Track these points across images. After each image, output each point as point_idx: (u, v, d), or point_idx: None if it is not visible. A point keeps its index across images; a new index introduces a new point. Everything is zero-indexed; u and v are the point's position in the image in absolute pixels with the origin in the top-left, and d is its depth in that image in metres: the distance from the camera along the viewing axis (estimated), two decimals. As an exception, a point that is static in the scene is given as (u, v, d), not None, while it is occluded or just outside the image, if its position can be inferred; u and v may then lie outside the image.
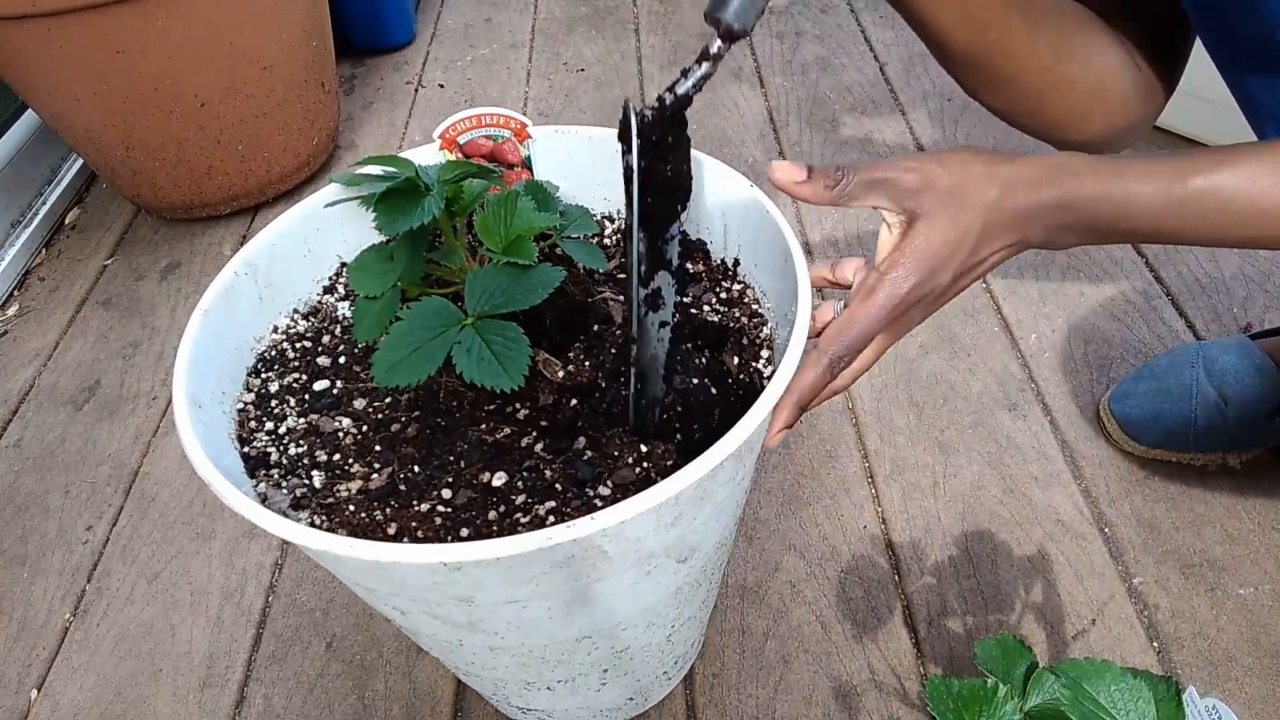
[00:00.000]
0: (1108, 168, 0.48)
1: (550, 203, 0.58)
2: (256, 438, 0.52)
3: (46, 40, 1.03)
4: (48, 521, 0.93)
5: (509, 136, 0.63)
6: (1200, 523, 0.84)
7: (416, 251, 0.53)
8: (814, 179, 0.48)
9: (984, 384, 0.98)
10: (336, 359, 0.57)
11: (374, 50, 1.69)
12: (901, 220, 0.48)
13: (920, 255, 0.47)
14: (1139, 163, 0.49)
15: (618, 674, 0.61)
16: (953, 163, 0.47)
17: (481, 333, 0.47)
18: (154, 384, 1.07)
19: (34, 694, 0.79)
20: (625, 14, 1.76)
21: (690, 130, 0.48)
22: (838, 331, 0.48)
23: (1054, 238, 0.50)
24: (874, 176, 0.48)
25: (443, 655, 0.59)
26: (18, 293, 1.24)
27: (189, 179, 1.24)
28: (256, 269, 0.56)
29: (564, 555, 0.41)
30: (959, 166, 0.47)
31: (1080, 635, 0.76)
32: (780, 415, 0.48)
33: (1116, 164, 0.49)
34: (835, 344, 0.48)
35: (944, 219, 0.47)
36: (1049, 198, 0.48)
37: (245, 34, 1.14)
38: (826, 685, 0.74)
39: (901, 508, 0.87)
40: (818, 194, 0.48)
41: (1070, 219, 0.49)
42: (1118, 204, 0.48)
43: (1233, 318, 1.02)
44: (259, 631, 0.82)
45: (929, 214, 0.47)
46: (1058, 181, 0.48)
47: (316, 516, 0.47)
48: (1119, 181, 0.48)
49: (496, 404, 0.53)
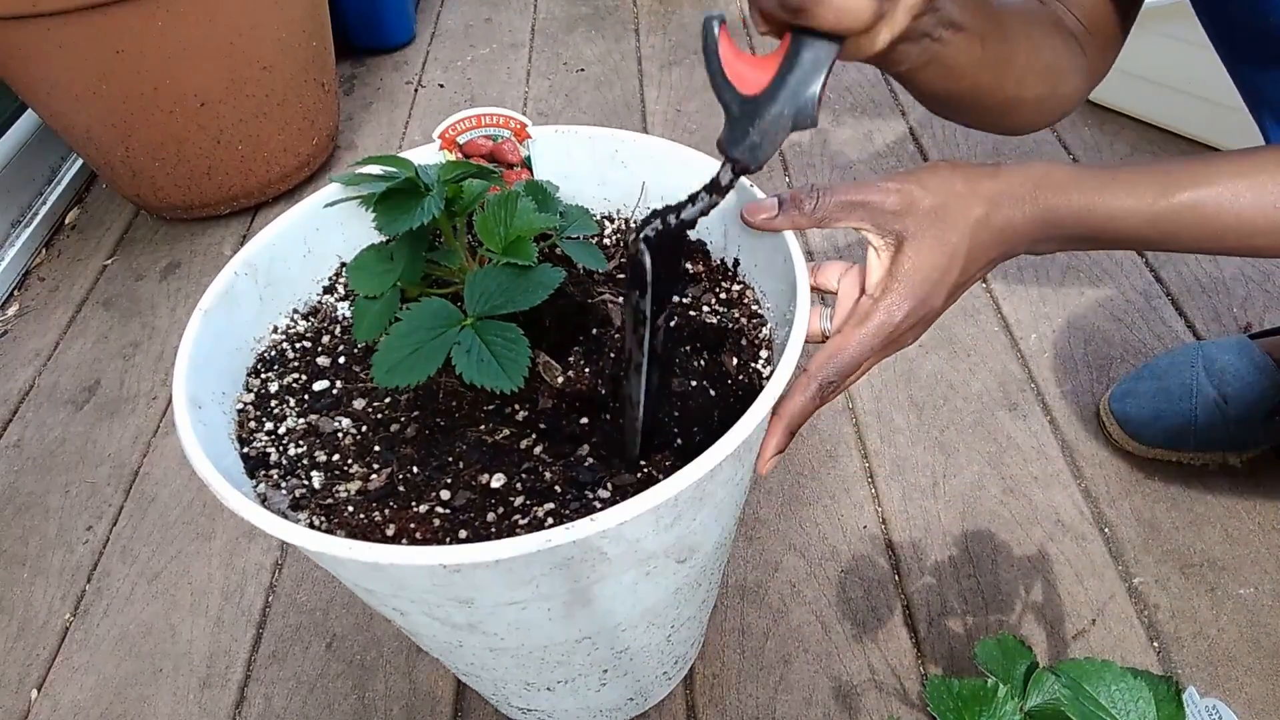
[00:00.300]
0: (1091, 181, 0.49)
1: (550, 203, 0.58)
2: (256, 438, 0.52)
3: (46, 40, 1.03)
4: (48, 521, 0.93)
5: (509, 137, 0.63)
6: (1200, 523, 0.84)
7: (416, 252, 0.53)
8: (787, 209, 0.49)
9: (984, 384, 0.98)
10: (336, 359, 0.57)
11: (374, 50, 1.69)
12: (888, 243, 0.48)
13: (912, 280, 0.47)
14: (1123, 174, 0.49)
15: (618, 674, 0.61)
16: (933, 183, 0.47)
17: (481, 334, 0.47)
18: (154, 384, 1.07)
19: (34, 694, 0.79)
20: (625, 14, 1.76)
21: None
22: (828, 357, 0.48)
23: (1039, 248, 0.51)
24: (852, 199, 0.47)
25: (443, 656, 0.59)
26: (18, 293, 1.24)
27: (189, 179, 1.24)
28: (256, 269, 0.56)
29: (563, 557, 0.41)
30: (940, 186, 0.47)
31: (1080, 635, 0.76)
32: (771, 441, 0.48)
33: (1100, 176, 0.49)
34: (826, 370, 0.48)
35: (931, 240, 0.47)
36: (1033, 213, 0.48)
37: (245, 34, 1.14)
38: (826, 685, 0.74)
39: (901, 508, 0.87)
40: (795, 221, 0.49)
41: (1054, 232, 0.49)
42: (1101, 218, 0.49)
43: (1233, 318, 1.02)
44: (259, 631, 0.82)
45: (915, 236, 0.47)
46: (1041, 196, 0.48)
47: (316, 517, 0.47)
48: (1103, 195, 0.48)
49: (496, 405, 0.53)
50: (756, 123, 0.42)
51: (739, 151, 0.43)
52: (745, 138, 0.43)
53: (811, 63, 0.41)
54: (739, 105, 0.42)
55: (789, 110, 0.41)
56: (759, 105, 0.42)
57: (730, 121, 0.43)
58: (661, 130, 1.39)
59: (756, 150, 0.43)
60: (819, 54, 0.40)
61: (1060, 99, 0.62)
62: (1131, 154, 1.26)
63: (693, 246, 0.63)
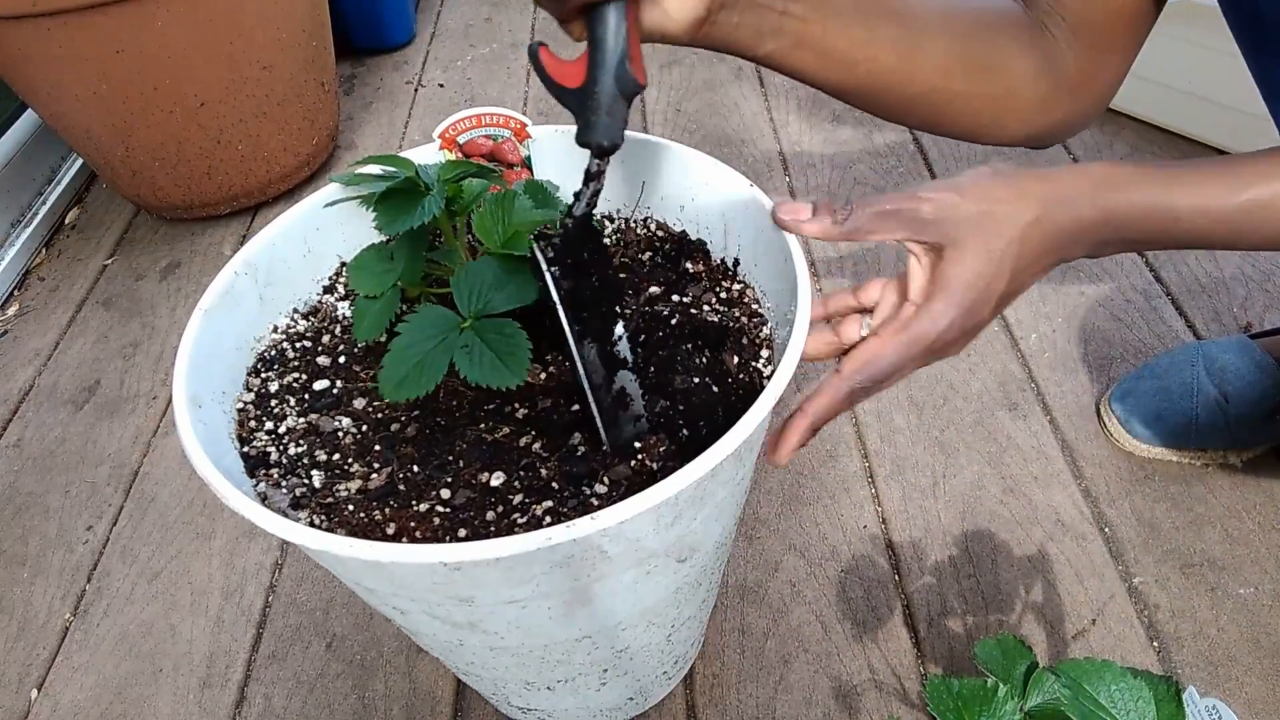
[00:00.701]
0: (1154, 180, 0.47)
1: (549, 201, 0.58)
2: (256, 437, 0.52)
3: (46, 40, 1.03)
4: (48, 521, 0.93)
5: (509, 136, 0.63)
6: (1200, 523, 0.84)
7: (416, 251, 0.53)
8: (819, 215, 0.48)
9: (984, 384, 0.98)
10: (336, 358, 0.57)
11: (374, 50, 1.69)
12: (927, 249, 0.47)
13: (956, 288, 0.45)
14: (1186, 174, 0.48)
15: (618, 674, 0.61)
16: (974, 190, 0.46)
17: (481, 334, 0.47)
18: (154, 384, 1.07)
19: (34, 694, 0.79)
20: (625, 14, 1.76)
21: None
22: (864, 362, 0.47)
23: (1100, 250, 0.49)
24: (885, 209, 0.46)
25: (443, 655, 0.59)
26: (18, 293, 1.24)
27: (189, 179, 1.24)
28: (256, 269, 0.56)
29: (564, 555, 0.41)
30: (981, 193, 0.46)
31: (1080, 635, 0.76)
32: (792, 436, 0.47)
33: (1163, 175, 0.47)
34: (861, 374, 0.47)
35: (975, 247, 0.45)
36: (1092, 214, 0.46)
37: (245, 34, 1.14)
38: (826, 685, 0.74)
39: (901, 507, 0.87)
40: (826, 231, 0.48)
41: (1114, 234, 0.48)
42: (1165, 218, 0.47)
43: (1233, 318, 1.02)
44: (259, 631, 0.82)
45: (957, 242, 0.45)
46: (1100, 197, 0.46)
47: (316, 516, 0.47)
48: (1166, 195, 0.47)
49: (495, 404, 0.53)
50: (591, 105, 0.45)
51: (590, 135, 0.46)
52: (590, 122, 0.46)
53: (612, 33, 0.44)
54: (574, 99, 0.46)
55: (610, 82, 0.45)
56: (587, 90, 0.45)
57: (576, 116, 0.46)
58: (661, 130, 1.39)
59: (604, 128, 0.46)
60: (612, 21, 0.44)
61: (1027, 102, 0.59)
62: (1131, 154, 1.26)
63: (693, 246, 0.63)
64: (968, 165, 1.27)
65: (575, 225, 0.48)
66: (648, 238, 0.65)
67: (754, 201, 0.56)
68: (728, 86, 1.50)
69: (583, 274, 0.48)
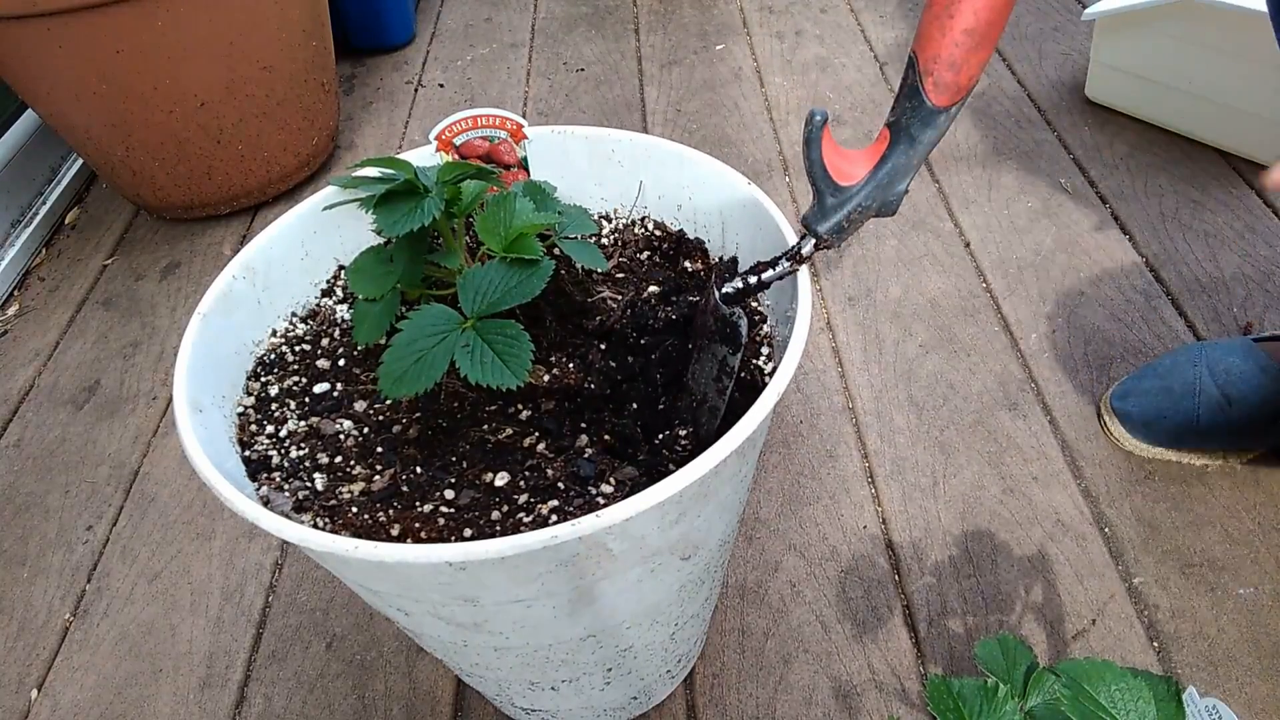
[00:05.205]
0: None
1: (548, 202, 0.58)
2: (257, 441, 0.52)
3: (46, 40, 1.03)
4: (48, 521, 0.93)
5: (505, 138, 0.63)
6: (1200, 523, 0.84)
7: (416, 253, 0.53)
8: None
9: (984, 384, 0.98)
10: (336, 362, 0.57)
11: (374, 50, 1.69)
12: None
13: None
14: None
15: (622, 673, 0.61)
16: None
17: (482, 334, 0.47)
18: (154, 384, 1.07)
19: (34, 694, 0.79)
20: (625, 14, 1.76)
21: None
22: None
23: None
24: None
25: (447, 656, 0.59)
26: (18, 293, 1.24)
27: (189, 179, 1.24)
28: (254, 273, 0.56)
29: (569, 553, 0.41)
30: None
31: (1080, 635, 0.77)
32: None
33: None
34: None
35: None
36: None
37: (245, 34, 1.14)
38: (826, 685, 0.75)
39: (901, 508, 0.87)
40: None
41: None
42: None
43: (1233, 318, 1.02)
44: (259, 631, 0.82)
45: None
46: None
47: (319, 519, 0.47)
48: None
49: (498, 404, 0.53)
50: (845, 209, 0.47)
51: (826, 230, 0.48)
52: (832, 219, 0.48)
53: (904, 165, 0.46)
54: (832, 192, 0.48)
55: (877, 202, 0.47)
56: (851, 195, 0.47)
57: (820, 203, 0.48)
58: (661, 130, 1.39)
59: (842, 232, 0.48)
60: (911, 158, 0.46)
61: None
62: (1131, 154, 1.26)
63: (692, 245, 0.63)
64: (966, 166, 1.28)
65: (757, 287, 0.50)
66: (646, 237, 0.65)
67: (752, 200, 0.56)
68: (728, 86, 1.50)
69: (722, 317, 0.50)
